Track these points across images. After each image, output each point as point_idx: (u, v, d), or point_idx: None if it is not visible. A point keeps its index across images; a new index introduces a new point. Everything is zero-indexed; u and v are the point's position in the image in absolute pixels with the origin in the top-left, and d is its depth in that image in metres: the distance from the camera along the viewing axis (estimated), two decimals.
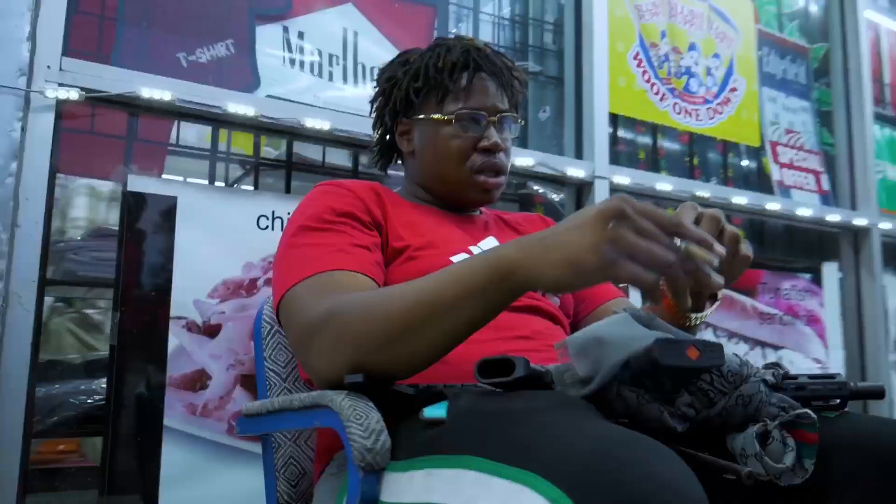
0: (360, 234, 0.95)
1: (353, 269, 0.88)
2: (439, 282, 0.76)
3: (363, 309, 0.79)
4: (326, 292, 0.84)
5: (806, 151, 2.35)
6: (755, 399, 0.74)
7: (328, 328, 0.79)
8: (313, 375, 0.82)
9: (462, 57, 1.06)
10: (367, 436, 0.71)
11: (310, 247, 0.92)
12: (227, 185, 1.47)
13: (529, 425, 0.60)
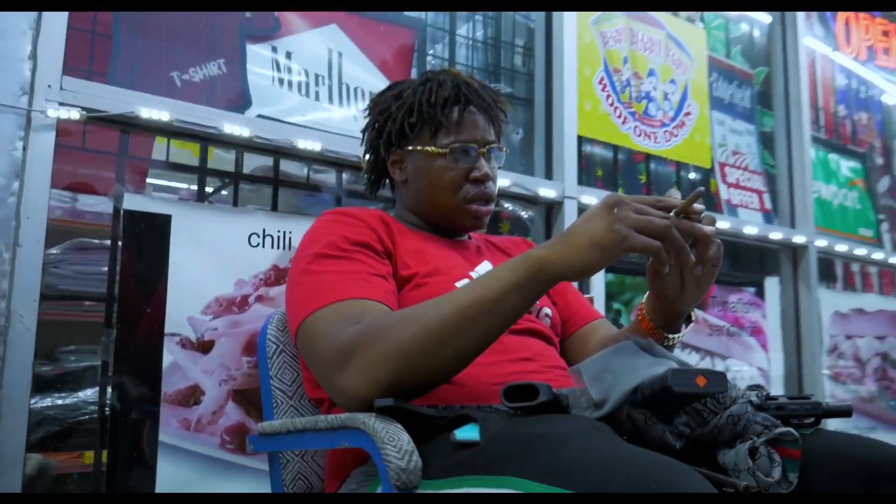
0: (375, 264, 1.00)
1: (372, 297, 0.93)
2: (480, 285, 0.86)
3: (403, 324, 0.85)
4: (352, 318, 0.89)
5: (750, 172, 2.51)
6: (743, 418, 0.83)
7: (366, 348, 0.85)
8: (345, 396, 0.86)
9: (453, 92, 1.13)
10: (401, 457, 0.77)
11: (329, 273, 0.97)
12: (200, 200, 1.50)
13: (568, 449, 0.67)
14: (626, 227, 0.80)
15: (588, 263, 0.82)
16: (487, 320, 0.84)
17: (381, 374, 0.84)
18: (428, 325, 0.84)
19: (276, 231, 1.45)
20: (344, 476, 0.99)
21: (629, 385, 0.80)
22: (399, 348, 0.83)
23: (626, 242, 0.80)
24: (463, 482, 0.74)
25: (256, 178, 1.59)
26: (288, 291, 1.03)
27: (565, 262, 0.82)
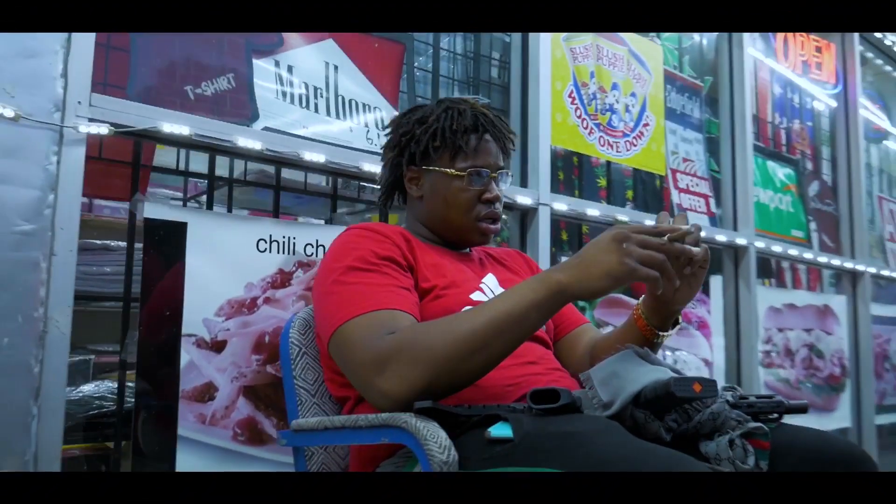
0: (401, 277, 1.12)
1: (401, 308, 1.06)
2: (506, 302, 0.99)
3: (435, 335, 0.98)
4: (386, 327, 1.01)
5: (698, 178, 2.71)
6: (721, 415, 0.99)
7: (404, 354, 0.97)
8: (384, 397, 0.98)
9: (472, 121, 1.26)
10: (441, 451, 0.89)
11: (361, 285, 1.08)
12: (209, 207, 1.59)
13: (595, 446, 0.81)
14: (633, 261, 0.94)
15: (602, 290, 0.96)
16: (511, 333, 0.98)
17: (417, 378, 0.96)
18: (460, 336, 0.97)
19: (282, 237, 1.54)
20: (373, 467, 1.11)
21: (634, 389, 0.95)
22: (434, 355, 0.96)
23: (634, 274, 0.94)
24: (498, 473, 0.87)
25: (258, 184, 1.69)
26: (319, 299, 1.14)
27: (583, 287, 0.96)
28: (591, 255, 0.97)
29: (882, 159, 4.14)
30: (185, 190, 2.03)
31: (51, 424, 1.19)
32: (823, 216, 3.38)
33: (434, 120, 1.26)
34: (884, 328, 3.66)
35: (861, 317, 3.38)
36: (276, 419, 1.50)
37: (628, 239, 0.96)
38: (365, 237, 1.16)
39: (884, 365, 3.62)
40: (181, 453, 1.38)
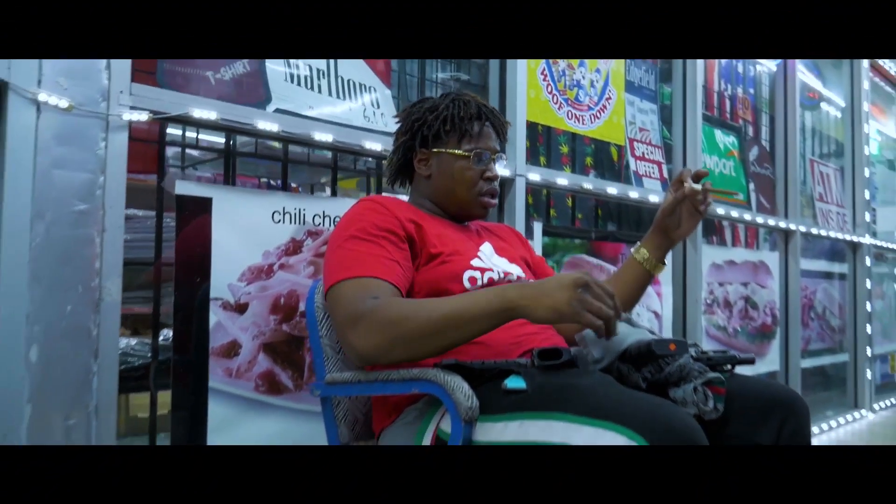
0: (394, 250, 1.31)
1: (385, 278, 1.25)
2: (465, 304, 1.17)
3: (404, 312, 1.17)
4: (368, 292, 1.21)
5: (653, 146, 2.94)
6: (687, 367, 1.22)
7: (372, 318, 1.17)
8: (351, 351, 1.20)
9: (476, 110, 1.45)
10: (466, 399, 1.10)
11: (357, 252, 1.28)
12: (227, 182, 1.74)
13: (595, 394, 1.03)
14: (581, 307, 1.07)
15: (545, 319, 1.11)
16: (462, 330, 1.16)
17: (377, 343, 1.17)
18: (420, 322, 1.16)
19: (293, 209, 1.70)
20: (397, 413, 1.32)
21: (620, 347, 1.17)
22: (395, 330, 1.16)
23: (577, 317, 1.08)
24: (516, 417, 1.09)
25: (270, 157, 1.83)
26: (325, 259, 1.34)
27: (529, 312, 1.12)
28: (548, 288, 1.11)
29: (815, 123, 4.45)
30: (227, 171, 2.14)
31: (108, 379, 1.35)
32: (761, 179, 3.68)
33: (444, 108, 1.44)
34: (810, 281, 4.02)
35: (791, 271, 3.71)
36: (291, 372, 1.68)
37: (587, 287, 1.09)
38: (371, 210, 1.35)
39: (809, 314, 3.99)
40: (212, 403, 1.56)
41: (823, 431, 3.94)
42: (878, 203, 5.13)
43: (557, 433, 1.02)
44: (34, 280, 1.25)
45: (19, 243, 1.24)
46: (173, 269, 1.52)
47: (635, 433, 0.94)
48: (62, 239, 1.29)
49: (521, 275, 1.47)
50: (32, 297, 1.25)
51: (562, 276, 1.12)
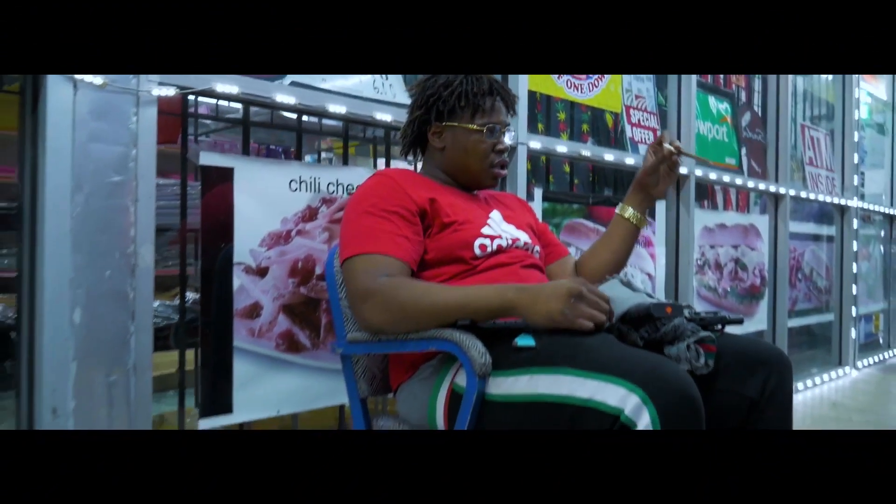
0: (404, 225, 1.41)
1: (395, 255, 1.36)
2: (469, 297, 1.28)
3: (413, 294, 1.29)
4: (379, 269, 1.33)
5: (648, 112, 3.02)
6: (681, 327, 1.32)
7: (383, 296, 1.30)
8: (361, 322, 1.34)
9: (488, 87, 1.54)
10: (480, 356, 1.21)
11: (369, 228, 1.38)
12: (245, 152, 1.82)
13: (599, 351, 1.14)
14: (573, 315, 1.18)
15: (538, 324, 1.21)
16: (462, 317, 1.27)
17: (384, 319, 1.30)
18: (425, 306, 1.28)
19: (309, 177, 1.79)
20: (414, 370, 1.43)
21: (622, 309, 1.28)
22: (401, 311, 1.29)
23: (569, 324, 1.18)
24: (526, 372, 1.19)
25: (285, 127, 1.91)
26: (341, 231, 1.44)
27: (525, 314, 1.23)
28: (545, 294, 1.21)
29: (807, 85, 4.52)
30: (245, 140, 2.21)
31: (143, 339, 1.45)
32: (753, 144, 3.77)
33: (458, 84, 1.52)
34: (798, 243, 4.14)
35: (780, 234, 3.83)
36: (309, 331, 1.79)
37: (581, 297, 1.20)
38: (384, 185, 1.44)
39: (797, 275, 4.12)
40: (236, 361, 1.66)
41: (808, 388, 4.10)
42: (867, 166, 5.23)
43: (564, 386, 1.13)
44: (75, 247, 1.34)
45: (61, 214, 1.33)
46: (199, 236, 1.61)
47: (635, 386, 1.05)
48: (100, 209, 1.38)
49: (528, 241, 1.57)
50: (74, 263, 1.34)
51: (558, 285, 1.22)
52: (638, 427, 1.03)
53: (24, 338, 1.36)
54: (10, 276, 1.66)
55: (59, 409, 1.33)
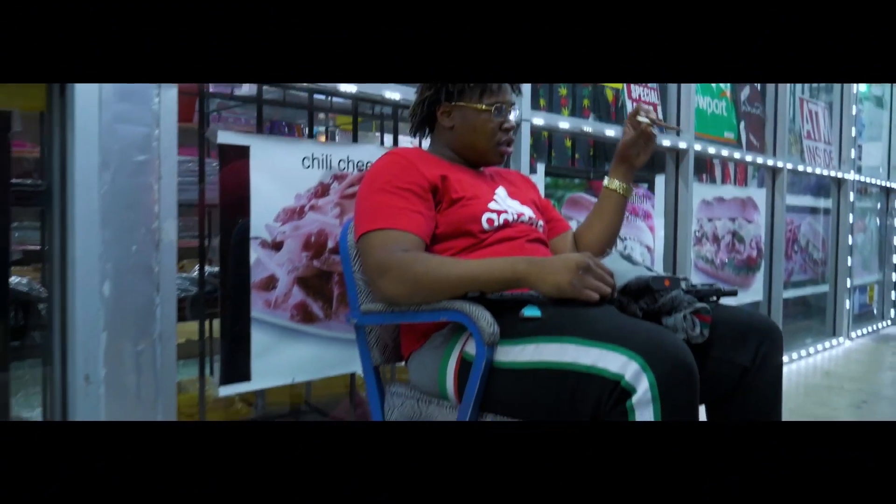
0: (417, 201, 1.48)
1: (410, 230, 1.43)
2: (482, 269, 1.35)
3: (427, 267, 1.36)
4: (395, 244, 1.40)
5: (649, 88, 3.07)
6: (678, 298, 1.40)
7: (400, 269, 1.37)
8: (378, 294, 1.41)
9: None
10: (488, 326, 1.29)
11: (384, 204, 1.45)
12: (259, 130, 1.88)
13: (601, 321, 1.21)
14: (581, 286, 1.25)
15: (547, 294, 1.29)
16: (474, 289, 1.35)
17: (401, 291, 1.37)
18: (440, 278, 1.35)
19: (321, 155, 1.85)
20: (425, 339, 1.50)
21: (622, 282, 1.35)
22: (417, 284, 1.36)
23: (576, 294, 1.26)
24: (532, 341, 1.27)
25: (295, 105, 1.97)
26: (356, 208, 1.51)
27: (535, 285, 1.30)
28: (554, 266, 1.28)
29: None
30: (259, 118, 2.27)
31: (168, 310, 1.53)
32: (752, 118, 3.82)
33: None
34: (795, 216, 4.21)
35: (777, 207, 3.90)
36: (322, 303, 1.87)
37: (588, 269, 1.27)
38: (397, 164, 1.51)
39: (793, 248, 4.20)
40: (254, 331, 1.74)
41: (802, 357, 4.20)
42: (865, 139, 5.28)
43: (568, 354, 1.21)
44: (104, 223, 1.41)
45: (90, 192, 1.40)
46: (218, 211, 1.68)
47: (635, 354, 1.13)
48: (125, 187, 1.45)
49: (532, 215, 1.64)
50: (103, 238, 1.41)
51: (567, 258, 1.29)
52: (637, 392, 1.11)
53: (55, 310, 1.43)
54: (33, 248, 1.74)
55: (91, 375, 1.41)
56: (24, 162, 2.05)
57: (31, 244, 1.87)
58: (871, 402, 3.25)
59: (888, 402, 3.29)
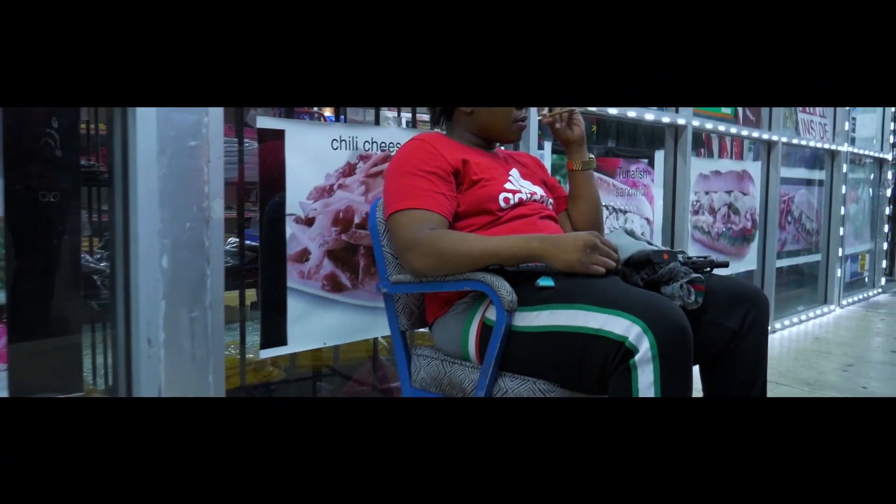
0: (440, 184, 1.64)
1: (434, 210, 1.60)
2: (500, 246, 1.53)
3: (451, 243, 1.54)
4: (422, 222, 1.57)
5: None
6: (675, 269, 1.57)
7: (427, 245, 1.54)
8: (408, 267, 1.59)
9: None
10: (507, 294, 1.46)
11: (411, 186, 1.62)
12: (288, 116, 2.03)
13: (608, 290, 1.39)
14: (589, 262, 1.42)
15: (559, 269, 1.46)
16: (493, 262, 1.53)
17: (427, 265, 1.55)
18: (462, 253, 1.53)
19: (348, 137, 2.01)
20: (449, 306, 1.67)
21: (625, 255, 1.53)
22: (442, 258, 1.54)
23: (585, 270, 1.43)
24: (547, 307, 1.44)
25: None
26: (385, 189, 1.68)
27: (547, 260, 1.48)
28: (565, 244, 1.45)
29: None
30: None
31: (217, 281, 1.70)
32: None
33: None
34: (789, 188, 4.37)
35: (772, 179, 4.05)
36: (349, 274, 2.04)
37: (595, 248, 1.44)
38: (422, 149, 1.67)
39: (787, 218, 4.37)
40: (290, 299, 1.92)
41: (794, 324, 4.39)
42: (859, 111, 5.42)
43: (579, 318, 1.38)
44: (162, 203, 1.58)
45: (150, 174, 1.56)
46: (258, 190, 1.85)
47: (637, 318, 1.30)
48: (180, 169, 1.61)
49: (543, 195, 1.81)
50: (162, 216, 1.58)
51: (577, 237, 1.45)
52: (639, 351, 1.29)
53: (119, 281, 1.60)
54: None
55: (152, 339, 1.59)
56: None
57: None
58: (857, 366, 3.44)
59: (873, 365, 3.48)
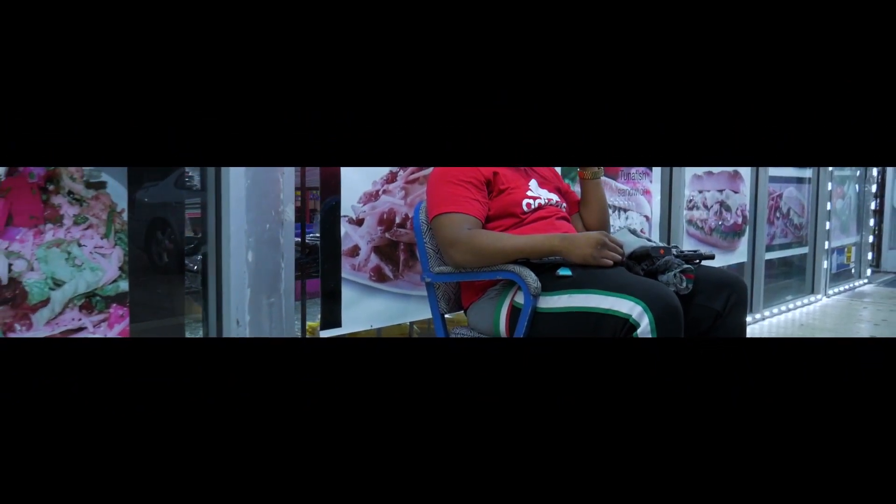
0: (475, 192, 1.98)
1: (471, 213, 1.94)
2: (527, 244, 1.87)
3: (487, 241, 1.88)
4: (462, 224, 1.91)
5: None
6: (670, 261, 1.90)
7: (467, 243, 1.89)
8: (450, 261, 1.94)
9: None
10: (533, 282, 1.80)
11: (451, 193, 1.95)
12: None
13: (617, 278, 1.72)
14: (600, 256, 1.76)
15: (575, 261, 1.79)
16: (519, 257, 1.86)
17: (466, 260, 1.90)
18: (495, 250, 1.87)
19: None
20: (482, 292, 2.02)
21: (629, 250, 1.87)
22: (479, 254, 1.88)
23: (596, 263, 1.76)
24: (566, 292, 1.78)
25: None
26: (428, 195, 2.02)
27: (566, 255, 1.82)
28: (580, 241, 1.78)
29: None
30: None
31: (289, 272, 2.04)
32: None
33: None
34: (777, 185, 4.71)
35: (761, 178, 4.39)
36: (392, 266, 2.38)
37: (605, 244, 1.77)
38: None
39: (775, 214, 4.71)
40: (344, 288, 2.26)
41: (782, 312, 4.74)
42: None
43: (592, 301, 1.73)
44: (248, 208, 1.92)
45: (239, 185, 1.90)
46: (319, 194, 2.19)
47: (639, 300, 1.64)
48: (261, 181, 1.95)
49: (558, 200, 2.14)
50: (248, 218, 1.92)
51: (589, 236, 1.79)
52: (641, 327, 1.63)
53: (212, 272, 1.95)
54: None
55: (240, 321, 1.93)
56: None
57: None
58: None
59: None
